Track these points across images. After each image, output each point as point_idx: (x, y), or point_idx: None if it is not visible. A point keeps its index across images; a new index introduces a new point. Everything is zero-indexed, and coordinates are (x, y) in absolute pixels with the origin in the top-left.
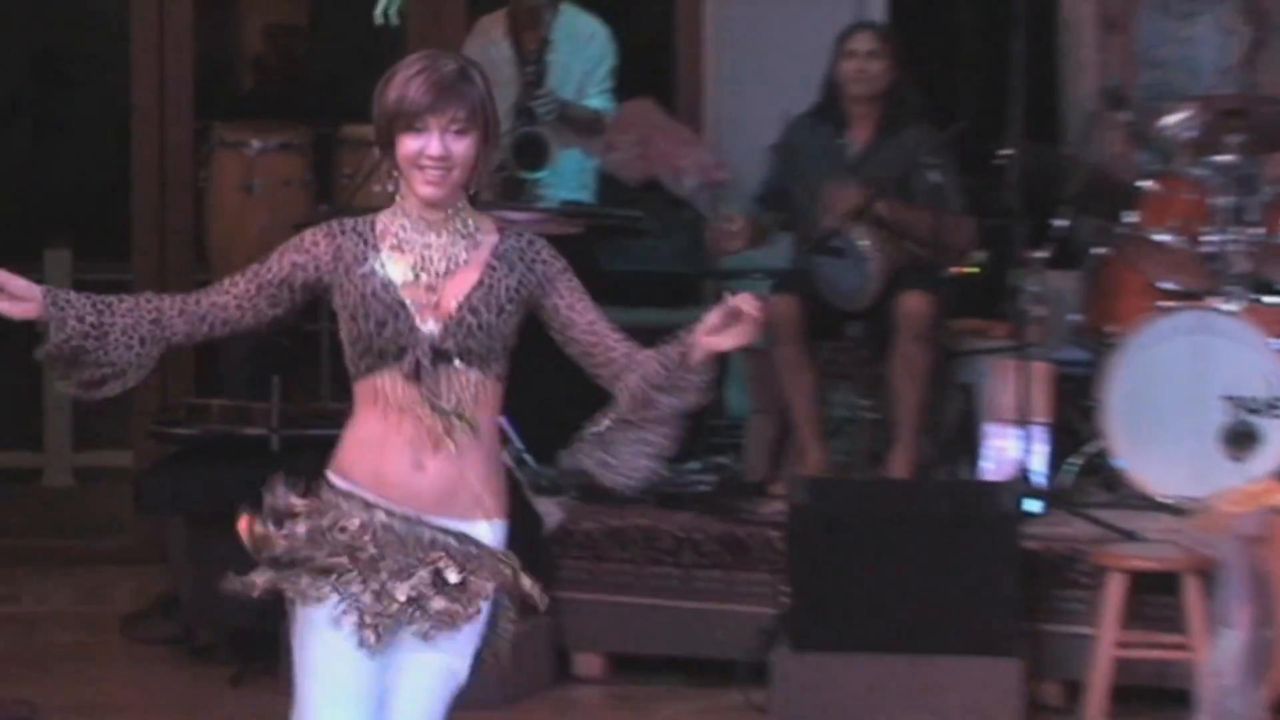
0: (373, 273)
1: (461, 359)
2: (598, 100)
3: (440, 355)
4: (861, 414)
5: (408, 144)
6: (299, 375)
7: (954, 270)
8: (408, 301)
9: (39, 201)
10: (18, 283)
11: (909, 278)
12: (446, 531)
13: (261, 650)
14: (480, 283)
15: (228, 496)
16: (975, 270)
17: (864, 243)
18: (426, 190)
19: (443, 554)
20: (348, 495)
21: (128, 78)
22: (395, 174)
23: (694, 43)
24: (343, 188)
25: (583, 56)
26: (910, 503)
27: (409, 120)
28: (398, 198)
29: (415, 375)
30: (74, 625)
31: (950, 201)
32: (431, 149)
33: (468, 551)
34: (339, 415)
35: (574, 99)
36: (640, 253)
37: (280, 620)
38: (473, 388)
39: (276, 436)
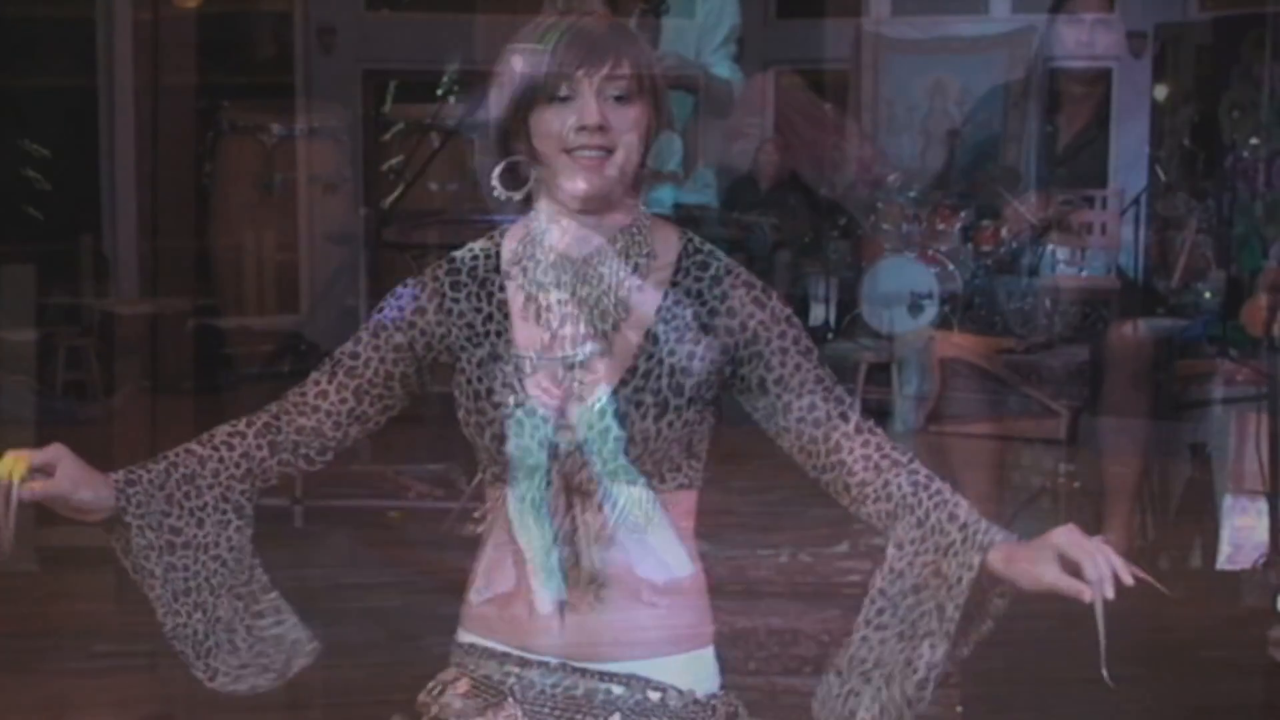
0: (493, 357)
1: (614, 479)
2: (720, 68)
3: (575, 490)
4: (1060, 482)
5: (549, 120)
6: None
7: (1182, 294)
8: (532, 397)
9: None
10: (83, 494)
11: (1120, 303)
12: (611, 677)
13: None
14: (633, 369)
15: None
16: (1210, 296)
17: (1057, 256)
18: (577, 184)
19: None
20: (473, 651)
21: (108, 39)
22: (534, 171)
23: None
24: (391, 185)
25: (696, 11)
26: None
27: (551, 86)
28: (533, 210)
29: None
30: None
31: (1180, 207)
32: (587, 115)
33: (644, 702)
34: (379, 482)
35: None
36: (775, 273)
37: None
38: (628, 510)
39: (301, 508)
